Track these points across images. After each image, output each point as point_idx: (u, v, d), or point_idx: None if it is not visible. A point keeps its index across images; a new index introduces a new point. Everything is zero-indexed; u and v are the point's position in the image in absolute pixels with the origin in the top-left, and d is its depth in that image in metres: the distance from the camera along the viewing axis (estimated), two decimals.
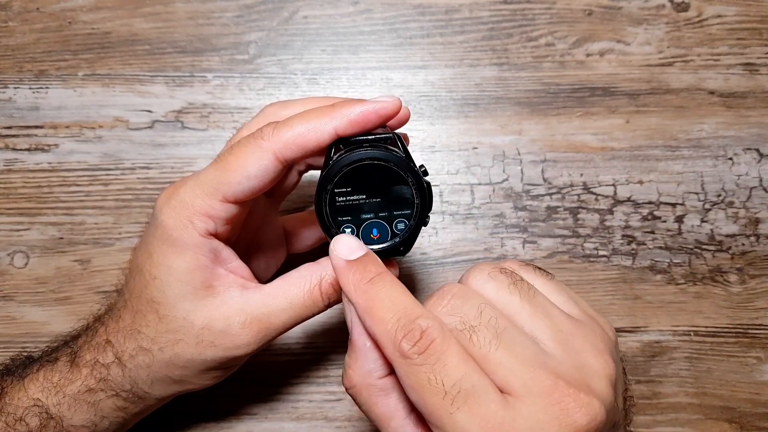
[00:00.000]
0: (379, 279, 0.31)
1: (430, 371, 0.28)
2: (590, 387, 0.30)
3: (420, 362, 0.28)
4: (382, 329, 0.30)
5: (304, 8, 0.52)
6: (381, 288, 0.31)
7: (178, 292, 0.35)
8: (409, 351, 0.29)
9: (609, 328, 0.35)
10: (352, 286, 0.31)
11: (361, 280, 0.31)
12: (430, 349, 0.29)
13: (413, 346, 0.29)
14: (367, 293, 0.31)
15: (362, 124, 0.33)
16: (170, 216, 0.34)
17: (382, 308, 0.30)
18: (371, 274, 0.31)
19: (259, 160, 0.33)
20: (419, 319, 0.29)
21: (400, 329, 0.29)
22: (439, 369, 0.28)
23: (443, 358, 0.29)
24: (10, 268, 0.50)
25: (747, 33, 0.52)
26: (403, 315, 0.29)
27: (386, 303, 0.30)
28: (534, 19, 0.52)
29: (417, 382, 0.28)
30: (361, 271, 0.32)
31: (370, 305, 0.30)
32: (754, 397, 0.49)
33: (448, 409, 0.28)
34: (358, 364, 0.33)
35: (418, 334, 0.29)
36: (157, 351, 0.35)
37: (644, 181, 0.51)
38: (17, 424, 0.36)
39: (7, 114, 0.51)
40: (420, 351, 0.29)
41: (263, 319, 0.35)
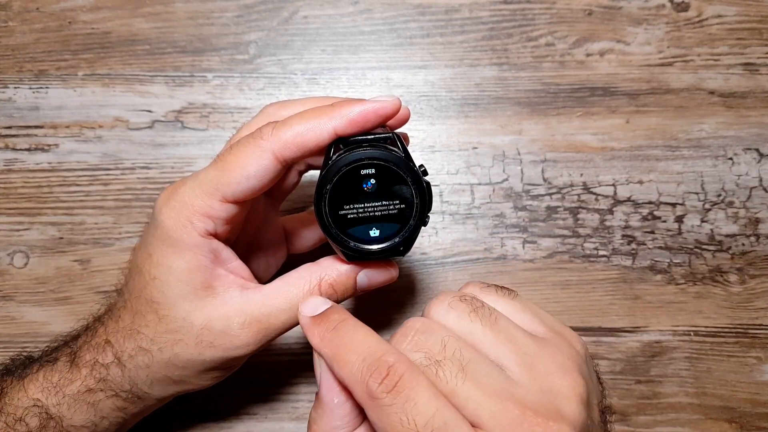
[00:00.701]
0: (342, 325, 0.31)
1: (401, 411, 0.28)
2: (559, 412, 0.29)
3: (390, 402, 0.28)
4: (349, 372, 0.29)
5: (304, 8, 0.52)
6: (344, 333, 0.31)
7: (177, 293, 0.35)
8: (377, 390, 0.28)
9: (577, 341, 0.35)
10: (318, 338, 0.31)
11: (325, 330, 0.31)
12: (398, 386, 0.28)
13: (381, 384, 0.28)
14: (331, 341, 0.31)
15: (361, 124, 0.33)
16: (170, 216, 0.34)
17: (346, 351, 0.30)
18: (334, 323, 0.31)
19: (258, 159, 0.33)
20: (385, 356, 0.29)
21: (366, 369, 0.28)
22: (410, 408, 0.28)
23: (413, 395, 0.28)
24: (10, 268, 0.50)
25: (747, 33, 0.52)
26: (368, 354, 0.29)
27: (350, 346, 0.30)
28: (534, 19, 0.52)
29: (389, 424, 0.28)
30: (325, 321, 0.32)
31: (335, 351, 0.30)
32: (754, 397, 0.49)
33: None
34: (324, 420, 0.32)
35: (384, 370, 0.28)
36: (157, 351, 0.35)
37: (644, 181, 0.51)
38: (17, 424, 0.36)
39: (7, 114, 0.51)
40: (388, 389, 0.28)
41: (262, 319, 0.35)
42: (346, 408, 0.32)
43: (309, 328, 0.32)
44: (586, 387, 0.31)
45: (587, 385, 0.32)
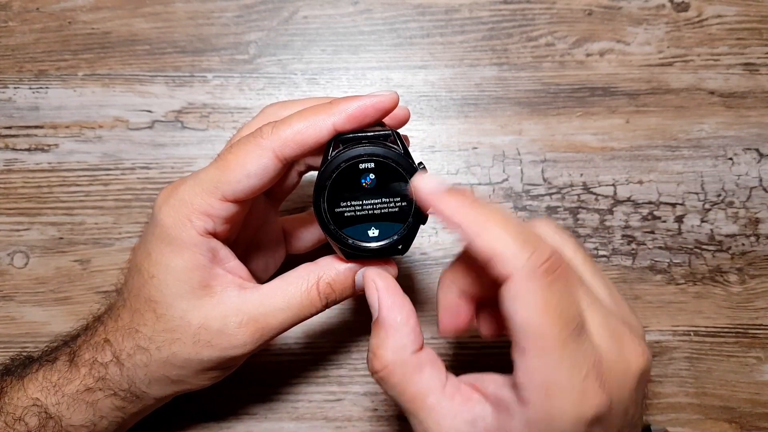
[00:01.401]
0: (482, 201, 0.31)
1: (560, 295, 0.28)
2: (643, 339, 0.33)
3: (552, 282, 0.28)
4: (503, 245, 0.29)
5: (304, 8, 0.52)
6: (490, 207, 0.30)
7: (175, 291, 0.35)
8: (541, 268, 0.28)
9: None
10: (455, 208, 0.30)
11: (464, 201, 0.30)
12: (560, 272, 0.29)
13: (544, 264, 0.28)
14: (477, 212, 0.30)
15: (360, 119, 0.33)
16: (169, 215, 0.34)
17: (497, 224, 0.29)
18: (472, 197, 0.31)
19: (258, 158, 0.33)
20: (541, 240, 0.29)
21: (527, 243, 0.28)
22: (568, 295, 0.29)
23: (569, 285, 0.29)
24: (10, 268, 0.50)
25: (747, 33, 0.52)
26: (523, 233, 0.29)
27: (501, 220, 0.29)
28: (534, 19, 0.52)
29: (543, 302, 0.28)
30: (462, 195, 0.31)
31: (485, 218, 0.29)
32: (754, 397, 0.49)
33: (564, 338, 0.28)
34: (390, 341, 0.32)
35: (547, 253, 0.28)
36: (155, 350, 0.35)
37: (644, 181, 0.51)
38: (16, 424, 0.36)
39: (7, 114, 0.51)
40: (553, 269, 0.28)
41: (260, 319, 0.35)
42: (409, 326, 0.32)
43: (444, 199, 0.31)
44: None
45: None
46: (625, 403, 0.31)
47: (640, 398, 0.33)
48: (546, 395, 0.28)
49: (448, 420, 0.31)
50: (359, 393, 0.49)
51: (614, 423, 0.30)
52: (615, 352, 0.30)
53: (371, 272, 0.34)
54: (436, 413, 0.31)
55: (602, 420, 0.29)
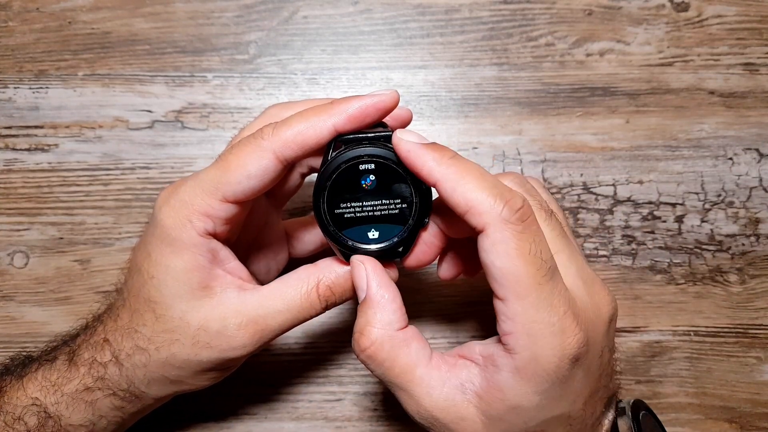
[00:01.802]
0: (459, 157, 0.32)
1: (533, 241, 0.30)
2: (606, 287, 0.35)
3: (523, 229, 0.30)
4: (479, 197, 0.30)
5: (304, 8, 0.52)
6: (467, 161, 0.32)
7: (174, 292, 0.34)
8: (513, 217, 0.30)
9: None
10: (435, 162, 0.31)
11: (442, 157, 0.32)
12: (530, 220, 0.31)
13: (516, 212, 0.30)
14: (455, 165, 0.31)
15: (361, 119, 0.33)
16: (169, 215, 0.34)
17: (474, 178, 0.31)
18: (450, 153, 0.32)
19: (259, 159, 0.33)
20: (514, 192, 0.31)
21: (500, 197, 0.30)
22: (540, 240, 0.31)
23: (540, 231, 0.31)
24: (10, 268, 0.50)
25: (747, 33, 0.52)
26: (497, 185, 0.31)
27: (477, 173, 0.31)
28: (534, 19, 0.52)
29: (518, 248, 0.30)
30: (440, 149, 0.32)
31: (461, 174, 0.31)
32: (754, 397, 0.49)
33: (538, 280, 0.30)
34: (378, 317, 0.33)
35: (520, 202, 0.30)
36: (154, 351, 0.35)
37: (644, 181, 0.51)
38: (16, 423, 0.36)
39: (7, 114, 0.51)
40: (524, 218, 0.30)
41: (259, 320, 0.35)
42: (396, 303, 0.33)
43: (422, 153, 0.32)
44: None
45: None
46: (599, 345, 0.33)
47: (611, 345, 0.35)
48: (529, 338, 0.30)
49: (437, 389, 0.33)
50: (359, 393, 0.49)
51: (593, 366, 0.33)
52: (587, 296, 0.33)
53: (359, 256, 0.35)
54: (426, 383, 0.33)
55: (582, 360, 0.31)
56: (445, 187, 0.31)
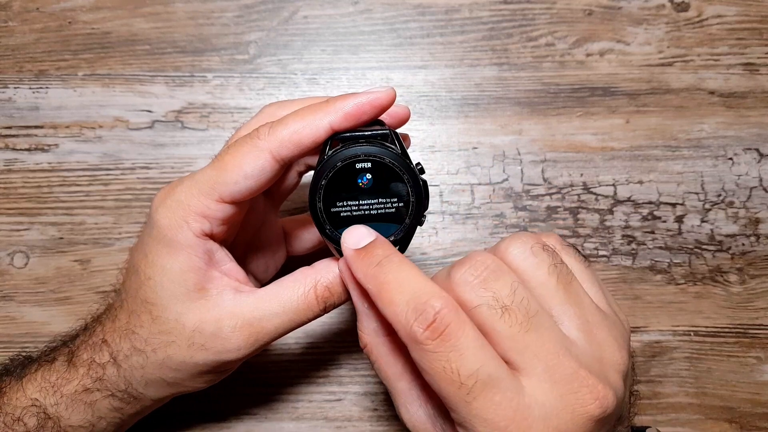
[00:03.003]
0: (386, 261, 0.31)
1: (445, 360, 0.28)
2: (607, 378, 0.30)
3: (434, 348, 0.28)
4: (392, 312, 0.29)
5: (304, 8, 0.52)
6: (389, 270, 0.30)
7: (170, 293, 0.34)
8: (421, 336, 0.28)
9: (627, 324, 0.36)
10: (362, 274, 0.31)
11: (369, 266, 0.31)
12: (444, 335, 0.28)
13: (426, 330, 0.28)
14: (375, 278, 0.30)
15: (357, 117, 0.33)
16: (165, 216, 0.34)
17: (390, 290, 0.30)
18: (378, 258, 0.31)
19: (255, 159, 0.33)
20: (431, 299, 0.29)
21: (411, 311, 0.28)
22: (455, 358, 0.28)
23: (458, 345, 0.28)
24: (10, 268, 0.50)
25: (747, 33, 0.52)
26: (413, 296, 0.29)
27: (394, 285, 0.30)
28: (534, 19, 0.52)
29: (431, 368, 0.28)
30: (368, 256, 0.31)
31: (379, 289, 0.30)
32: (754, 397, 0.49)
33: (464, 398, 0.28)
34: (363, 324, 0.33)
35: (431, 316, 0.28)
36: (150, 352, 0.35)
37: (644, 181, 0.51)
38: (15, 424, 0.36)
39: (7, 114, 0.51)
40: (434, 336, 0.28)
41: (254, 323, 0.35)
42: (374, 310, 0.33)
43: (353, 262, 0.32)
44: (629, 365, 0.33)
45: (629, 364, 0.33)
46: None
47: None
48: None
49: (414, 407, 0.33)
50: (359, 393, 0.49)
51: None
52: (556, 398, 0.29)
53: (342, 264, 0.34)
54: (404, 399, 0.33)
55: None
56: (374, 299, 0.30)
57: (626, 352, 0.33)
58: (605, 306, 0.34)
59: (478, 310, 0.30)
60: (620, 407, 0.31)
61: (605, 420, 0.30)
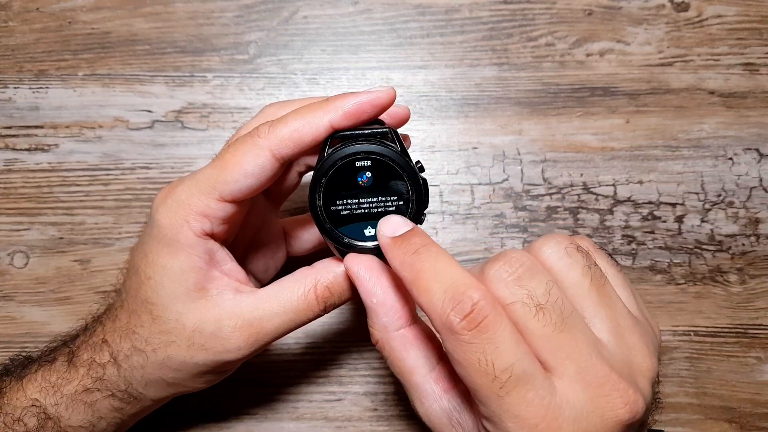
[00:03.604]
0: (424, 250, 0.30)
1: (481, 352, 0.28)
2: (637, 384, 0.30)
3: (469, 340, 0.28)
4: (428, 300, 0.29)
5: (304, 8, 0.52)
6: (426, 258, 0.30)
7: (171, 293, 0.34)
8: (458, 326, 0.28)
9: (658, 331, 0.36)
10: (398, 261, 0.31)
11: (405, 254, 0.31)
12: (481, 327, 0.28)
13: (462, 320, 0.28)
14: (412, 265, 0.30)
15: (357, 116, 0.33)
16: (166, 215, 0.34)
17: (427, 278, 0.29)
18: (415, 246, 0.31)
19: (255, 158, 0.33)
20: (469, 290, 0.28)
21: (448, 301, 0.28)
22: (491, 351, 0.28)
23: (495, 338, 0.28)
24: (10, 268, 0.50)
25: (747, 33, 0.52)
26: (451, 285, 0.29)
27: (431, 273, 0.29)
28: (534, 19, 0.52)
29: (465, 359, 0.28)
30: (405, 244, 0.31)
31: (415, 276, 0.30)
32: (754, 397, 0.49)
33: (496, 392, 0.28)
34: (374, 320, 0.33)
35: (468, 307, 0.28)
36: (151, 352, 0.35)
37: (644, 181, 0.51)
38: (15, 425, 0.36)
39: (7, 114, 0.51)
40: (470, 327, 0.28)
41: (255, 323, 0.35)
42: (386, 305, 0.33)
43: (389, 250, 0.31)
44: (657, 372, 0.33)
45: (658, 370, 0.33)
46: None
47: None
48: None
49: (427, 402, 0.33)
50: (359, 393, 0.49)
51: None
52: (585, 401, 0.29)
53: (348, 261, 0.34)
54: (419, 393, 0.33)
55: None
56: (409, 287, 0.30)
57: (656, 358, 0.32)
58: (636, 311, 0.34)
59: (512, 308, 0.29)
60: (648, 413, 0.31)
61: (633, 425, 0.30)
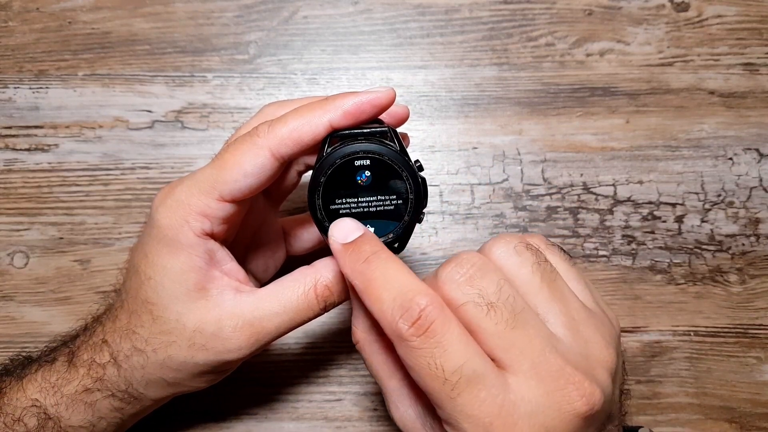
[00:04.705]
0: (374, 258, 0.31)
1: (430, 356, 0.28)
2: (594, 376, 0.30)
3: (419, 345, 0.28)
4: (379, 309, 0.29)
5: (304, 8, 0.52)
6: (376, 267, 0.30)
7: (171, 293, 0.34)
8: (407, 333, 0.28)
9: (616, 322, 0.35)
10: (349, 269, 0.31)
11: (356, 261, 0.31)
12: (429, 332, 0.28)
13: (411, 327, 0.28)
14: (362, 273, 0.30)
15: (356, 115, 0.33)
16: (166, 215, 0.34)
17: (377, 287, 0.30)
18: (366, 254, 0.31)
19: (255, 157, 0.33)
20: (417, 297, 0.29)
21: (397, 308, 0.29)
22: (440, 354, 0.28)
23: (443, 341, 0.28)
24: (10, 268, 0.50)
25: (747, 33, 0.52)
26: (399, 293, 0.29)
27: (381, 281, 0.30)
28: (534, 19, 0.52)
29: (416, 364, 0.28)
30: (357, 252, 0.31)
31: (366, 285, 0.30)
32: (754, 397, 0.49)
33: (449, 394, 0.28)
34: (358, 320, 0.33)
35: (416, 313, 0.28)
36: (151, 352, 0.35)
37: (644, 181, 0.51)
38: (15, 425, 0.36)
39: (7, 114, 0.51)
40: (419, 333, 0.28)
41: (255, 323, 0.35)
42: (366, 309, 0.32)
43: (340, 257, 0.32)
44: (617, 363, 0.33)
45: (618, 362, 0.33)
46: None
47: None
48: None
49: (403, 407, 0.33)
50: (359, 393, 0.49)
51: None
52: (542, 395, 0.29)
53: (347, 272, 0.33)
54: (395, 397, 0.33)
55: None
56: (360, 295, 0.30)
57: (614, 349, 0.32)
58: (592, 304, 0.34)
59: (464, 308, 0.30)
60: (609, 405, 0.31)
61: (593, 418, 0.30)
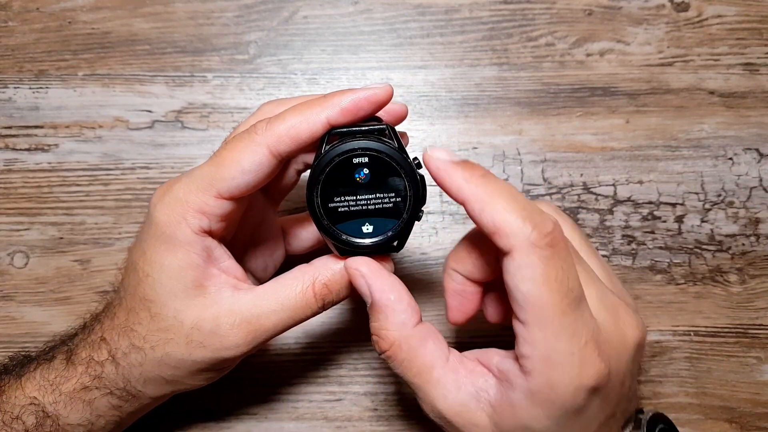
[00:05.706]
0: (491, 175, 0.31)
1: (560, 267, 0.29)
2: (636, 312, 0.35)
3: (551, 255, 0.29)
4: (504, 219, 0.29)
5: (304, 8, 0.52)
6: (498, 181, 0.31)
7: (169, 291, 0.34)
8: (542, 241, 0.29)
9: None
10: (464, 181, 0.31)
11: (472, 175, 0.31)
12: (561, 246, 0.29)
13: (546, 237, 0.29)
14: (485, 184, 0.31)
15: (354, 112, 0.33)
16: (164, 213, 0.34)
17: (504, 198, 0.30)
18: (482, 170, 0.31)
19: (253, 154, 0.33)
20: (545, 214, 0.30)
21: (529, 218, 0.29)
22: (568, 267, 0.29)
23: (569, 258, 0.30)
24: (10, 268, 0.50)
25: (747, 33, 0.52)
26: (526, 207, 0.30)
27: (507, 193, 0.30)
28: (534, 19, 0.52)
29: (544, 274, 0.29)
30: (471, 168, 0.31)
31: (491, 194, 0.30)
32: (754, 397, 0.49)
33: (563, 308, 0.29)
34: (390, 320, 0.33)
35: (550, 226, 0.29)
36: (149, 350, 0.35)
37: (644, 181, 0.51)
38: (14, 423, 0.36)
39: (7, 114, 0.51)
40: (552, 244, 0.29)
41: (252, 320, 0.35)
42: (404, 302, 0.33)
43: (449, 171, 0.31)
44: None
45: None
46: (622, 374, 0.32)
47: (635, 371, 0.34)
48: (547, 365, 0.29)
49: (452, 392, 0.33)
50: (359, 393, 0.49)
51: (612, 394, 0.32)
52: (611, 323, 0.32)
53: (353, 261, 0.34)
54: (442, 386, 0.33)
55: (601, 390, 0.30)
56: (473, 207, 0.30)
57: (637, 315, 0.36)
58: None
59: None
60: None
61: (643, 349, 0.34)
